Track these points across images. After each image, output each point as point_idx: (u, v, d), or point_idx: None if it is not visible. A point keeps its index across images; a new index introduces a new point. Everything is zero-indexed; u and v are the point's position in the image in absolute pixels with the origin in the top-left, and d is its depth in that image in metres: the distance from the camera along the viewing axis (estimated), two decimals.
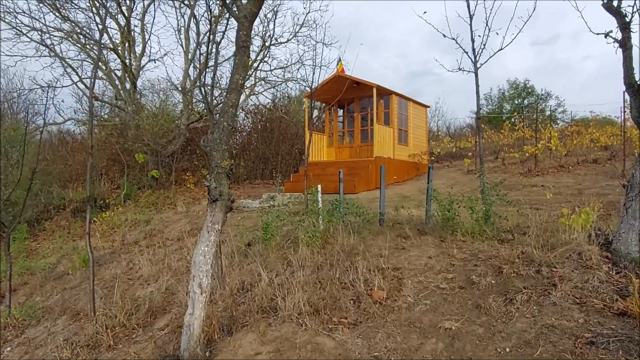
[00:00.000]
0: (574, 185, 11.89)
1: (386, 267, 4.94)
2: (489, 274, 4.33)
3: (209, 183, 3.99)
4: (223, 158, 4.00)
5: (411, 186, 13.99)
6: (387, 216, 7.81)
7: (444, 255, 5.11)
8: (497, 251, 4.93)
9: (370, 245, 5.90)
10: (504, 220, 6.44)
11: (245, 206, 11.95)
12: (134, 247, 10.05)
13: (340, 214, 6.79)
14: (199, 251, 4.02)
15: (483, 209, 5.95)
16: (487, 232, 5.81)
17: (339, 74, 14.39)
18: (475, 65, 7.05)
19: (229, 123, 4.07)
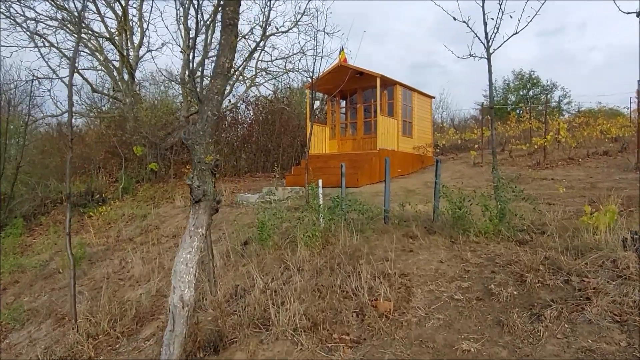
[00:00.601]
0: (585, 179, 11.28)
1: (392, 273, 4.39)
2: (510, 283, 3.77)
3: (191, 181, 3.44)
4: (207, 152, 3.45)
5: (416, 179, 13.42)
6: (392, 212, 7.25)
7: (456, 260, 4.55)
8: (516, 255, 4.36)
9: (374, 247, 5.35)
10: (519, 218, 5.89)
11: (244, 201, 11.42)
12: (129, 243, 9.55)
13: (343, 211, 6.23)
14: (180, 259, 3.48)
15: (498, 207, 5.37)
16: (502, 232, 5.25)
17: (341, 64, 13.76)
18: (488, 50, 6.44)
19: (214, 112, 3.51)
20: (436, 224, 6.38)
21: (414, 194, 11.16)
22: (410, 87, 14.82)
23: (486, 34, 6.45)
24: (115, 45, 15.40)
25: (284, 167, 17.73)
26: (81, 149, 15.43)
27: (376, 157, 13.15)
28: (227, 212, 10.33)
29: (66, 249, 5.43)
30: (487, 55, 6.44)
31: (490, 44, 6.45)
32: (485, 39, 6.43)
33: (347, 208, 6.28)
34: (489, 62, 6.48)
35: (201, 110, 3.50)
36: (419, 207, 9.09)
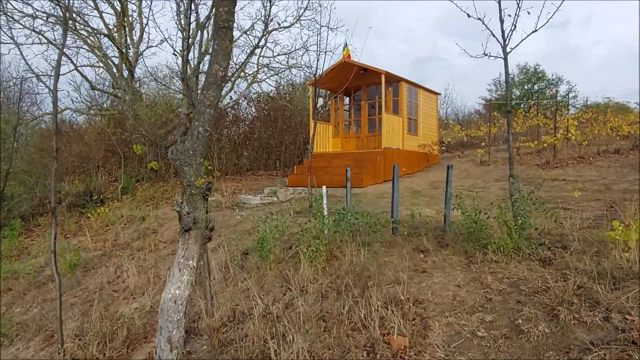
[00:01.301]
0: (598, 180, 10.79)
1: (405, 300, 3.94)
2: (540, 317, 3.31)
3: (180, 207, 2.98)
4: (197, 175, 2.99)
5: (421, 179, 12.95)
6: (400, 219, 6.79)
7: (475, 283, 4.09)
8: (542, 280, 3.90)
9: (383, 265, 4.90)
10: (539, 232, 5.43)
11: (245, 202, 10.97)
12: (126, 249, 9.13)
13: (349, 224, 5.77)
14: (167, 295, 3.03)
15: (518, 221, 4.90)
16: (522, 249, 4.79)
17: (345, 60, 13.25)
18: (505, 49, 5.94)
19: (206, 128, 3.05)
20: (448, 235, 5.93)
21: (420, 195, 10.69)
22: (415, 84, 14.30)
23: (502, 31, 5.94)
24: (114, 42, 14.90)
25: (286, 165, 17.27)
26: (80, 147, 14.98)
27: (381, 156, 12.68)
28: (228, 215, 9.89)
29: (51, 269, 4.98)
30: (504, 54, 5.94)
31: (507, 43, 5.95)
32: (502, 37, 5.92)
33: (353, 219, 5.81)
34: (506, 62, 5.98)
35: (192, 126, 3.03)
36: (427, 212, 8.65)
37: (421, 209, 8.71)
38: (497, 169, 13.54)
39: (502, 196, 9.75)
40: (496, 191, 10.42)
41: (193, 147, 2.97)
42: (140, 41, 16.64)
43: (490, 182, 11.65)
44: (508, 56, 5.99)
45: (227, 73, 3.09)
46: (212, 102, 3.07)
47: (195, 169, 2.95)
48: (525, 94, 29.81)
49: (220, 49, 3.10)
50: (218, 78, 3.09)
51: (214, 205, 10.71)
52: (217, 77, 3.09)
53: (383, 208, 9.21)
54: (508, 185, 9.07)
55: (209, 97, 3.06)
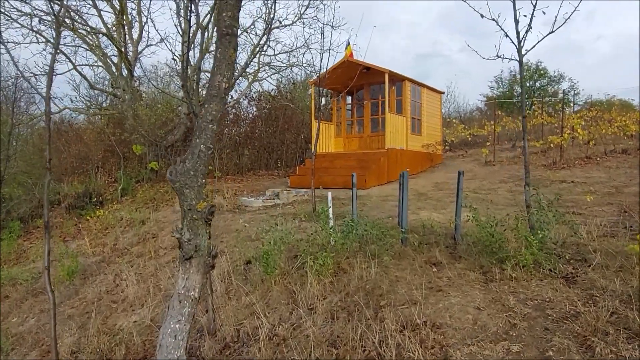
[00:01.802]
0: (608, 182, 10.50)
1: (422, 323, 3.65)
2: (573, 349, 3.03)
3: (180, 234, 2.69)
4: (199, 198, 2.69)
5: (425, 180, 12.65)
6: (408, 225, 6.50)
7: (496, 305, 3.80)
8: (570, 303, 3.62)
9: (395, 281, 4.61)
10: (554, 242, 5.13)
11: (247, 205, 10.68)
12: (125, 254, 8.85)
13: (357, 235, 5.47)
14: (167, 330, 2.73)
15: (538, 235, 4.60)
16: (542, 264, 4.50)
17: (347, 59, 12.92)
18: (520, 51, 5.63)
19: (208, 145, 2.74)
20: (460, 246, 5.64)
21: (425, 198, 10.40)
22: (419, 83, 13.97)
23: (517, 32, 5.62)
24: (112, 40, 14.55)
25: (288, 165, 16.98)
26: (79, 147, 14.66)
27: (384, 157, 12.37)
28: (230, 219, 9.59)
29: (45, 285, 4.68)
30: (519, 57, 5.62)
31: (522, 44, 5.64)
32: (517, 38, 5.61)
33: (362, 231, 5.51)
34: (521, 65, 5.67)
35: (192, 144, 2.73)
36: (434, 217, 8.36)
37: (428, 214, 8.43)
38: (502, 169, 13.24)
39: (511, 199, 9.46)
40: (504, 194, 10.13)
41: (194, 168, 2.67)
42: (140, 40, 16.29)
43: (497, 184, 11.35)
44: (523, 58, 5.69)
45: (231, 84, 2.78)
46: (215, 116, 2.77)
47: (196, 191, 2.65)
48: (527, 91, 29.45)
49: (224, 58, 2.80)
50: (221, 90, 2.79)
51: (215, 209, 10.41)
52: (219, 89, 2.78)
53: (388, 212, 8.92)
54: (517, 188, 8.73)
55: (211, 112, 2.75)
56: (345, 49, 13.06)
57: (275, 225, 5.77)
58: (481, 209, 8.22)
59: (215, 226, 9.17)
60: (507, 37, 5.78)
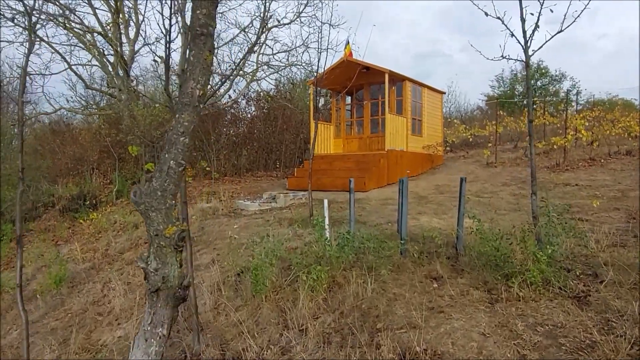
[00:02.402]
0: (613, 185, 10.13)
1: (422, 351, 3.30)
2: None
3: (145, 263, 2.34)
4: (168, 222, 2.34)
5: (426, 182, 12.29)
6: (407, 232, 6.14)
7: (503, 331, 3.45)
8: (584, 329, 3.26)
9: (394, 300, 4.25)
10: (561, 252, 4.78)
11: (243, 209, 10.34)
12: (116, 260, 8.51)
13: (353, 248, 5.11)
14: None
15: (548, 250, 4.23)
16: (552, 281, 4.14)
17: (347, 59, 12.54)
18: (527, 52, 5.26)
19: (179, 161, 2.39)
20: (463, 258, 5.28)
21: (426, 201, 10.04)
22: (420, 83, 13.60)
23: (524, 31, 5.25)
24: (107, 39, 14.18)
25: (287, 165, 16.63)
26: (74, 149, 14.32)
27: (384, 159, 12.01)
28: (224, 223, 9.25)
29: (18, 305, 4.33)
30: (526, 57, 5.25)
31: (529, 44, 5.27)
32: (523, 38, 5.24)
33: (359, 244, 5.15)
34: (528, 66, 5.30)
35: (160, 159, 2.38)
36: (433, 221, 8.01)
37: (429, 220, 8.08)
38: (504, 171, 12.87)
39: (514, 204, 9.10)
40: (506, 197, 9.77)
41: (162, 187, 2.32)
42: (137, 39, 15.92)
43: (499, 187, 10.99)
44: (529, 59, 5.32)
45: (206, 91, 2.43)
46: (187, 128, 2.41)
47: (165, 214, 2.30)
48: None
49: (198, 61, 2.44)
50: (195, 98, 2.43)
51: (210, 212, 10.08)
52: (193, 96, 2.43)
53: (388, 217, 8.57)
54: (519, 191, 8.38)
55: (182, 123, 2.40)
56: (344, 48, 12.69)
57: (267, 236, 5.41)
58: (484, 215, 7.89)
59: (210, 232, 8.84)
60: (512, 37, 5.41)
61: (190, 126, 2.43)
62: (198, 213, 10.07)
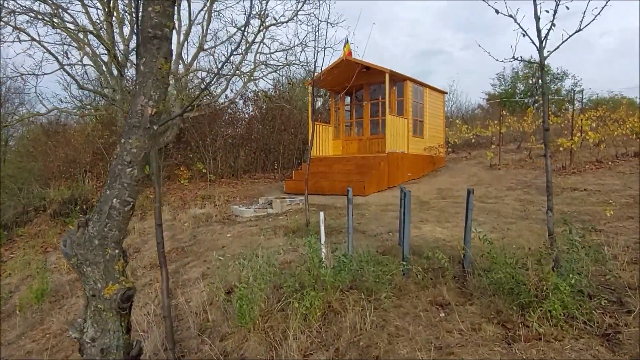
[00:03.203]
0: (623, 190, 9.58)
1: None
2: None
3: (79, 332, 1.80)
4: (109, 278, 1.80)
5: (428, 185, 11.74)
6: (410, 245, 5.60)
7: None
8: None
9: (395, 335, 3.72)
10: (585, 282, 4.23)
11: (238, 215, 9.81)
12: None
13: (351, 271, 4.57)
14: None
15: (572, 281, 3.68)
16: (575, 314, 3.61)
17: (346, 58, 11.98)
18: (541, 53, 4.70)
19: (126, 199, 1.85)
20: (471, 280, 4.74)
21: (428, 207, 9.50)
22: (421, 83, 13.03)
23: (538, 31, 4.69)
24: (99, 39, 13.62)
25: (285, 166, 16.09)
26: (67, 150, 13.78)
27: (385, 162, 11.47)
28: (218, 232, 8.73)
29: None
30: (540, 59, 4.69)
31: (544, 45, 4.71)
32: (538, 37, 4.68)
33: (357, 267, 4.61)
34: (543, 68, 4.74)
35: (101, 197, 1.84)
36: (436, 230, 7.47)
37: (432, 229, 7.54)
38: (508, 173, 12.32)
39: (521, 210, 8.56)
40: (513, 203, 9.22)
41: (101, 234, 1.78)
42: (131, 38, 15.36)
43: (504, 191, 10.45)
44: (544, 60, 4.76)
45: (161, 109, 1.89)
46: (136, 156, 1.87)
47: (104, 268, 1.76)
48: (530, 89, 28.45)
49: (150, 71, 1.90)
50: (145, 118, 1.89)
51: (203, 219, 9.55)
52: (144, 116, 1.89)
53: (388, 225, 8.03)
54: (525, 197, 7.88)
55: (130, 149, 1.86)
56: (343, 47, 12.13)
57: (256, 256, 4.86)
58: (490, 223, 7.34)
59: (202, 241, 8.31)
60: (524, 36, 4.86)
61: (140, 153, 1.89)
62: (191, 220, 9.54)
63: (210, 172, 14.36)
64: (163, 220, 10.08)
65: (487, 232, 7.12)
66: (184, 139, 15.32)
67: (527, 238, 6.69)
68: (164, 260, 3.83)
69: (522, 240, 6.51)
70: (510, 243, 6.51)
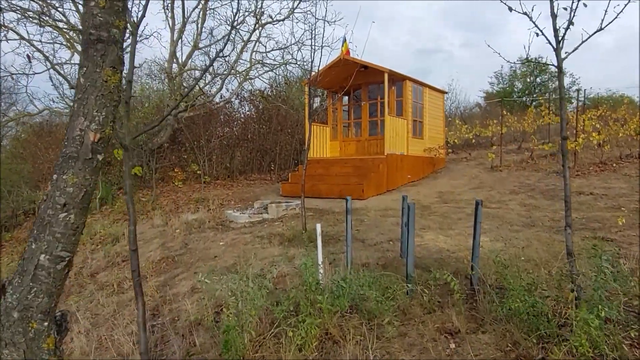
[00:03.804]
0: (630, 194, 9.15)
1: None
2: None
3: None
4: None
5: (428, 188, 11.28)
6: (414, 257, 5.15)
7: None
8: None
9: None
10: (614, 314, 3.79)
11: (232, 220, 9.34)
12: (89, 283, 7.53)
13: (350, 295, 4.11)
14: None
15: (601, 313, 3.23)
16: (604, 350, 3.16)
17: (343, 57, 11.50)
18: (558, 54, 4.23)
19: (58, 254, 1.38)
20: (482, 302, 4.28)
21: (429, 212, 9.05)
22: (421, 82, 12.55)
23: (555, 30, 4.22)
24: None
25: (282, 167, 15.61)
26: (57, 152, 13.26)
27: (384, 164, 11.01)
28: (210, 239, 8.26)
29: None
30: (558, 61, 4.22)
31: (561, 45, 4.24)
32: (555, 37, 4.21)
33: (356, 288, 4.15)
34: (560, 71, 4.27)
35: (25, 253, 1.37)
36: (439, 239, 7.03)
37: (434, 237, 7.09)
38: (510, 175, 11.88)
39: (526, 217, 8.12)
40: (517, 208, 8.78)
41: (23, 303, 1.31)
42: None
43: (507, 195, 10.00)
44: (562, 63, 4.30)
45: (109, 135, 1.41)
46: (74, 196, 1.40)
47: (25, 350, 1.29)
48: (528, 87, 28.03)
49: (93, 85, 1.43)
50: (87, 146, 1.42)
51: (195, 226, 9.07)
52: (84, 144, 1.41)
53: (389, 233, 7.57)
54: (530, 201, 7.51)
55: (65, 189, 1.39)
56: (341, 46, 11.64)
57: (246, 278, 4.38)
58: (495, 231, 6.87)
59: (194, 249, 7.83)
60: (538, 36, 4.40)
61: (78, 193, 1.43)
62: (183, 226, 9.06)
63: (205, 173, 13.88)
64: (155, 224, 9.58)
65: (492, 240, 6.71)
66: (179, 139, 14.83)
67: (536, 248, 6.26)
68: (140, 290, 3.37)
69: (532, 252, 6.07)
70: (519, 255, 6.10)
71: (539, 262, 5.49)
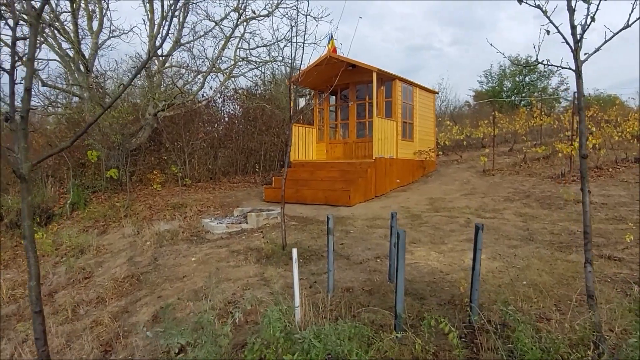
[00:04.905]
0: (631, 203, 8.49)
1: None
2: None
3: None
4: None
5: (418, 195, 10.54)
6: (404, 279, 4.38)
7: None
8: None
9: None
10: None
11: (208, 230, 8.52)
12: (46, 304, 6.67)
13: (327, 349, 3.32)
14: None
15: None
16: None
17: (330, 55, 10.69)
18: (577, 55, 3.48)
19: None
20: (483, 344, 3.54)
21: (419, 222, 8.31)
22: (411, 82, 11.79)
23: (572, 27, 3.46)
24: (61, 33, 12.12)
25: (267, 169, 14.79)
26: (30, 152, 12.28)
27: (372, 168, 10.24)
28: (182, 253, 7.42)
29: None
30: (577, 64, 3.47)
31: (580, 45, 3.49)
32: (572, 37, 3.45)
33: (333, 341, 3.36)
34: (579, 76, 3.52)
35: None
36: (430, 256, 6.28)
37: (426, 255, 6.35)
38: (503, 180, 11.19)
39: (523, 229, 7.40)
40: (513, 218, 8.08)
41: None
42: (100, 30, 13.86)
43: (502, 202, 9.29)
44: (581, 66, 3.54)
45: None
46: None
47: None
48: (517, 86, 27.45)
49: None
50: None
51: (168, 237, 8.23)
52: None
53: (376, 248, 6.81)
54: (526, 210, 6.72)
55: None
56: (327, 43, 10.83)
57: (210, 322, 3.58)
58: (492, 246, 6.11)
59: (162, 266, 6.98)
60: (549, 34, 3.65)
61: None
62: (154, 238, 8.22)
63: (186, 175, 13.02)
64: (126, 234, 8.66)
65: (489, 258, 5.97)
66: (159, 140, 13.92)
67: (537, 269, 5.55)
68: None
69: (533, 274, 5.36)
70: (520, 277, 5.39)
71: (543, 288, 4.79)
